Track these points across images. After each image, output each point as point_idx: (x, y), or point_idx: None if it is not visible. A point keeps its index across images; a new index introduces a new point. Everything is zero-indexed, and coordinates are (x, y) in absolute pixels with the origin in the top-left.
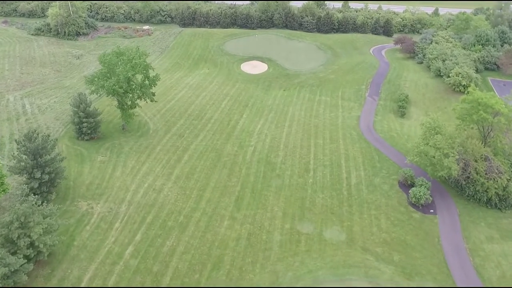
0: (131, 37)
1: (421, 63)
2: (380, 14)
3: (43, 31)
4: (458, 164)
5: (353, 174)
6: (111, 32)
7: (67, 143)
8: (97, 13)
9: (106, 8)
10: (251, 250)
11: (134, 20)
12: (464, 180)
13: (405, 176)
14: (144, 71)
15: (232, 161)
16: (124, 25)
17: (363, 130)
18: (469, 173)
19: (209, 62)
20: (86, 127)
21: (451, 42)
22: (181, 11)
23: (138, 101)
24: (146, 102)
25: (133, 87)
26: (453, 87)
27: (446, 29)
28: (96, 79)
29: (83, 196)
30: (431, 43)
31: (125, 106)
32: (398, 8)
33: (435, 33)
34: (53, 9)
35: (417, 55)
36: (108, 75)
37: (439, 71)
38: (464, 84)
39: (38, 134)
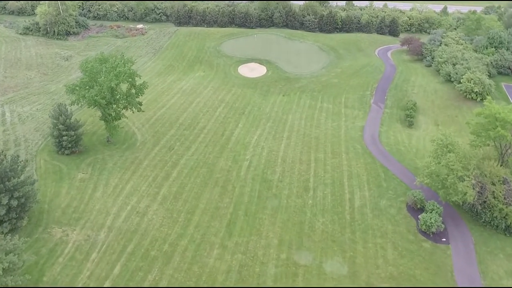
0: (124, 37)
1: (430, 66)
2: (385, 12)
3: (31, 30)
4: (474, 189)
5: (357, 194)
6: (103, 32)
7: (45, 158)
8: (89, 11)
9: (99, 5)
10: (242, 286)
11: (127, 19)
12: (480, 205)
13: (414, 199)
14: (130, 79)
15: (225, 178)
16: (117, 24)
17: (368, 143)
18: (485, 198)
19: (205, 64)
20: (67, 140)
21: (462, 44)
22: (177, 9)
23: (124, 111)
24: (133, 112)
25: (118, 97)
26: (465, 94)
27: (455, 29)
28: (77, 88)
29: (58, 221)
30: (440, 45)
31: (109, 118)
32: (404, 6)
33: (444, 34)
34: (42, 7)
35: (425, 57)
36: (90, 84)
37: (449, 76)
38: (477, 91)
39: (5, 155)
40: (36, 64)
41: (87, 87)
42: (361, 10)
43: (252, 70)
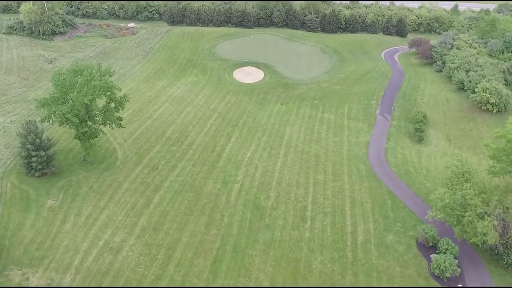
0: (113, 37)
1: (440, 71)
2: (392, 11)
3: (15, 29)
4: (496, 230)
5: (360, 227)
6: (92, 31)
7: (13, 181)
8: (78, 8)
9: (88, 3)
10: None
11: (118, 17)
12: (502, 245)
13: (425, 235)
14: (108, 93)
15: (213, 204)
16: (107, 23)
17: (373, 162)
18: (508, 237)
19: (198, 68)
20: (36, 161)
21: (475, 48)
22: (170, 7)
23: (102, 127)
24: (112, 128)
25: (93, 114)
26: (480, 104)
27: (468, 30)
28: (49, 103)
29: (19, 261)
30: (451, 48)
31: (83, 137)
32: (412, 3)
33: (456, 36)
34: (26, 5)
35: (435, 61)
36: (62, 99)
37: (462, 83)
38: (493, 102)
39: None
40: (16, 68)
41: (58, 103)
42: (366, 8)
43: (249, 75)
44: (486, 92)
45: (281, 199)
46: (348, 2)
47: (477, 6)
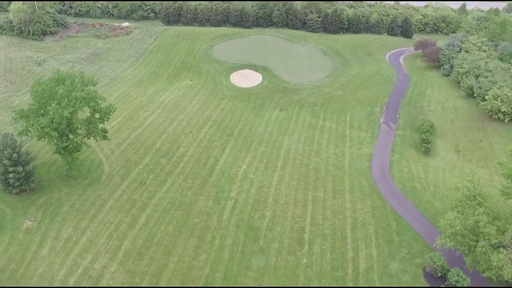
0: (106, 37)
1: (448, 75)
2: (397, 10)
3: (5, 29)
4: None
5: (362, 252)
6: (84, 31)
7: None
8: (70, 7)
9: (81, 1)
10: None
11: (112, 16)
12: None
13: (433, 265)
14: (91, 104)
15: (203, 224)
16: (100, 22)
17: (377, 178)
18: None
19: (193, 71)
20: (14, 178)
21: (485, 51)
22: (166, 6)
23: (85, 139)
24: (97, 140)
25: (75, 126)
26: (490, 113)
27: (477, 32)
28: (28, 114)
29: None
30: (459, 51)
31: (64, 152)
32: (417, 3)
33: (464, 39)
34: (16, 4)
35: (443, 65)
36: (41, 112)
37: (471, 90)
38: (505, 111)
39: None
40: (3, 70)
41: (37, 115)
42: (370, 7)
43: (246, 79)
44: (497, 100)
45: (277, 219)
46: (351, 1)
47: (485, 5)
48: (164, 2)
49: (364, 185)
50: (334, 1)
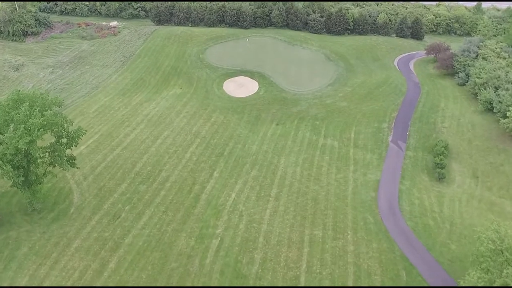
0: (92, 38)
1: (463, 85)
2: (407, 9)
3: None
4: None
5: None
6: (69, 31)
7: None
8: (55, 4)
9: (67, 0)
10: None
11: (100, 14)
12: None
13: None
14: (55, 129)
15: (182, 269)
16: (86, 21)
17: (384, 212)
18: None
19: (183, 77)
20: None
21: (505, 58)
22: (157, 4)
23: (50, 168)
24: (63, 169)
25: (35, 157)
26: None
27: (495, 36)
28: None
29: None
30: (476, 58)
31: (21, 187)
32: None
33: (481, 44)
34: None
35: (457, 73)
36: None
37: (490, 104)
38: None
39: None
40: None
41: None
42: (377, 6)
43: (241, 87)
44: None
45: (268, 264)
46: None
47: (502, 4)
48: (156, 1)
49: (369, 221)
50: (338, 1)
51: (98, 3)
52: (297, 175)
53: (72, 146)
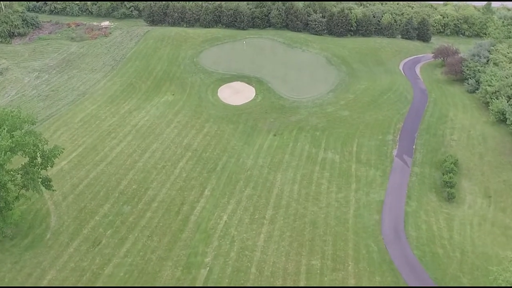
0: (81, 40)
1: (473, 92)
2: (413, 8)
3: None
4: None
5: None
6: (58, 31)
7: None
8: (45, 3)
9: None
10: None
11: (91, 13)
12: None
13: None
14: (27, 149)
15: None
16: (77, 21)
17: (388, 239)
18: None
19: (176, 83)
20: None
21: None
22: (150, 3)
23: (23, 191)
24: (38, 193)
25: (3, 181)
26: None
27: (508, 38)
28: None
29: None
30: (487, 63)
31: None
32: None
33: (492, 48)
34: None
35: (467, 79)
36: None
37: (503, 114)
38: None
39: None
40: None
41: None
42: (382, 5)
43: (237, 93)
44: None
45: None
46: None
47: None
48: (149, 0)
49: (372, 249)
50: (340, 1)
51: (89, 2)
52: (294, 194)
53: (48, 167)
